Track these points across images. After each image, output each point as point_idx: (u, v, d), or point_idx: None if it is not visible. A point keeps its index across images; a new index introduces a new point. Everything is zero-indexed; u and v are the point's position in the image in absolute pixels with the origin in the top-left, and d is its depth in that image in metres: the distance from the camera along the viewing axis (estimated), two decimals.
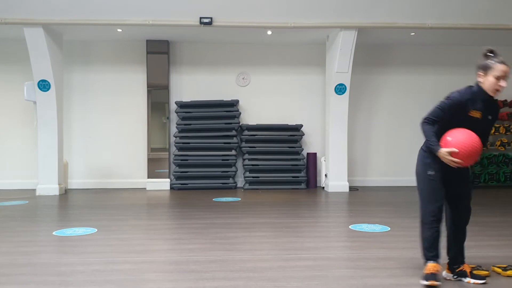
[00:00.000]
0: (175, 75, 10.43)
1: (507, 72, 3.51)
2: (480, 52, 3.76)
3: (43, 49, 8.78)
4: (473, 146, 3.41)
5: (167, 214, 7.35)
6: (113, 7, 8.39)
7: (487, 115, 3.57)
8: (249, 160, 10.05)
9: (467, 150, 3.40)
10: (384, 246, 4.96)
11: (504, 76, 3.50)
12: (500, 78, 3.49)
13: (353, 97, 10.05)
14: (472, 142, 3.41)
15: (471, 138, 3.43)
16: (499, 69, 3.49)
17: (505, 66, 3.52)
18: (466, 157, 3.42)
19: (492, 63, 3.53)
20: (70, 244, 5.08)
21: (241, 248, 4.88)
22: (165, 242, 5.36)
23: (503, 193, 9.43)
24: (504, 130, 10.36)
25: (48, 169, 9.06)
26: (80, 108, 10.27)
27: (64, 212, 7.54)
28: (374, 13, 8.70)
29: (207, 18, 8.63)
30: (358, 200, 8.55)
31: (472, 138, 3.42)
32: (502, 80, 3.50)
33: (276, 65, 10.58)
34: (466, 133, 3.45)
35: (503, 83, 3.51)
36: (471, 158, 3.45)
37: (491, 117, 3.59)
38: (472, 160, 3.48)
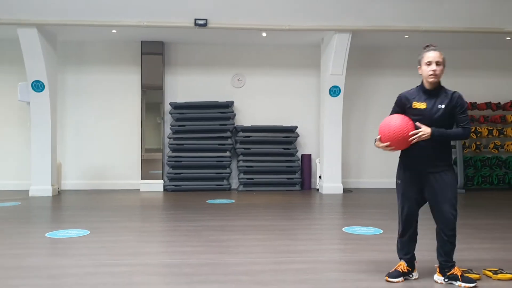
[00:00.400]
0: (170, 76, 10.42)
1: (435, 57, 3.67)
2: (474, 56, 3.90)
3: (37, 50, 8.75)
4: (396, 132, 3.61)
5: (161, 216, 7.34)
6: (108, 8, 8.38)
7: (436, 104, 3.69)
8: (243, 162, 10.05)
9: (389, 135, 3.63)
10: (376, 248, 4.97)
11: (432, 61, 3.67)
12: (430, 63, 3.67)
13: (348, 99, 10.06)
14: (393, 128, 3.62)
15: (392, 124, 3.65)
16: (427, 55, 3.70)
17: (432, 52, 3.70)
18: (395, 141, 3.64)
19: (421, 53, 3.77)
20: (62, 246, 5.07)
21: (234, 251, 4.89)
22: (158, 244, 5.36)
23: (496, 196, 9.47)
24: (497, 133, 10.40)
25: (41, 170, 9.02)
26: (74, 108, 10.24)
27: (57, 213, 7.52)
28: (369, 16, 8.73)
29: (202, 19, 8.63)
30: (352, 202, 8.57)
31: (394, 125, 3.63)
32: (432, 64, 3.67)
33: (271, 67, 10.59)
34: (389, 120, 3.70)
35: (433, 66, 3.66)
36: (398, 142, 3.64)
37: (443, 106, 3.67)
38: (400, 143, 3.65)
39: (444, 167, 3.71)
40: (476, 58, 10.76)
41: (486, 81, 10.78)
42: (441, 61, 3.68)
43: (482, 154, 10.67)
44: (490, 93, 10.73)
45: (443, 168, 3.70)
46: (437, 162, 3.70)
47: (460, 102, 3.68)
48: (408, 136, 3.61)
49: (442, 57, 3.70)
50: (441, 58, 3.69)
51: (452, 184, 3.71)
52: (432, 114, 3.67)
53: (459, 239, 3.87)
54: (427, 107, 3.70)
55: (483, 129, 10.42)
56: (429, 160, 3.70)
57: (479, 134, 10.40)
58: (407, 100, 3.80)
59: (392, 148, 3.70)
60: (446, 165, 3.72)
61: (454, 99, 3.67)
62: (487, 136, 10.43)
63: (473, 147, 10.43)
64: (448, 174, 3.71)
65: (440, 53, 3.70)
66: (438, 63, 3.67)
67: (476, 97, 10.61)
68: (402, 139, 3.62)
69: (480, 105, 10.48)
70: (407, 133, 3.61)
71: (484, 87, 10.74)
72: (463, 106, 3.69)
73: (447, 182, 3.69)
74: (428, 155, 3.70)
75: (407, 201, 3.85)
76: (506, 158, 10.54)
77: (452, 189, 3.70)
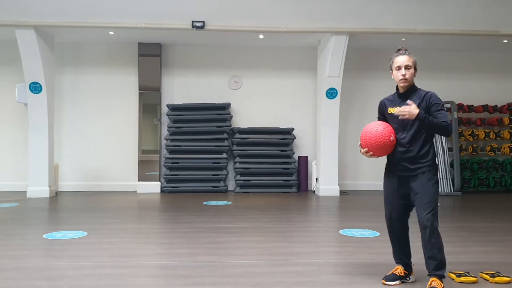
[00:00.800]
0: (167, 77, 10.43)
1: (404, 61, 3.64)
2: (471, 58, 3.90)
3: (35, 51, 8.75)
4: (371, 139, 3.63)
5: (157, 217, 7.34)
6: (105, 10, 8.39)
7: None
8: (240, 163, 10.06)
9: (367, 142, 3.66)
10: (373, 251, 4.98)
11: (401, 65, 3.64)
12: (399, 68, 3.65)
13: (344, 101, 10.09)
14: (370, 135, 3.64)
15: (370, 132, 3.66)
16: (396, 60, 3.68)
17: (401, 56, 3.67)
18: (372, 148, 3.66)
19: (392, 58, 3.75)
20: (60, 248, 5.07)
21: (231, 253, 4.89)
22: (155, 246, 5.36)
23: (492, 198, 9.51)
24: (494, 136, 10.44)
25: (39, 171, 9.02)
26: (71, 110, 10.23)
27: (54, 214, 7.52)
28: (365, 19, 8.76)
29: (199, 21, 8.64)
30: (349, 204, 8.58)
31: (370, 132, 3.65)
32: (401, 69, 3.64)
33: (268, 68, 10.61)
34: (369, 128, 3.70)
35: (402, 71, 3.63)
36: (376, 149, 3.65)
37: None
38: (378, 150, 3.65)
39: (421, 169, 3.61)
40: (472, 60, 10.80)
41: (483, 83, 10.83)
42: (410, 65, 3.64)
43: (479, 156, 10.70)
44: (487, 95, 10.77)
45: (421, 170, 3.61)
46: (416, 165, 3.62)
47: (433, 101, 3.59)
48: (387, 143, 3.61)
49: (412, 60, 3.66)
50: (411, 62, 3.65)
51: (426, 186, 3.59)
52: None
53: (456, 242, 3.90)
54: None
55: (480, 131, 10.46)
56: (408, 163, 3.64)
57: (476, 136, 10.44)
58: (384, 106, 3.83)
59: (371, 154, 3.69)
60: (424, 167, 3.61)
61: (427, 99, 3.60)
62: (484, 138, 10.47)
63: (470, 149, 10.47)
64: (424, 176, 3.61)
65: (409, 56, 3.66)
66: (407, 67, 3.63)
67: (473, 99, 10.66)
68: (382, 145, 3.62)
69: (477, 108, 10.52)
70: (384, 140, 3.60)
71: (481, 90, 10.78)
72: (438, 104, 3.58)
73: (422, 184, 3.59)
74: (407, 159, 3.64)
75: (389, 206, 3.83)
76: (502, 160, 10.58)
77: (426, 191, 3.58)
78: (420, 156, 3.61)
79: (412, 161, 3.62)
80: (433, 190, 3.60)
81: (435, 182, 3.62)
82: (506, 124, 10.56)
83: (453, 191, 9.88)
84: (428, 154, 3.63)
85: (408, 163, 3.64)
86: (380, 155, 3.71)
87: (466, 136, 10.41)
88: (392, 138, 3.64)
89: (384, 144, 3.62)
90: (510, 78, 10.91)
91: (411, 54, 3.69)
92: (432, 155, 3.65)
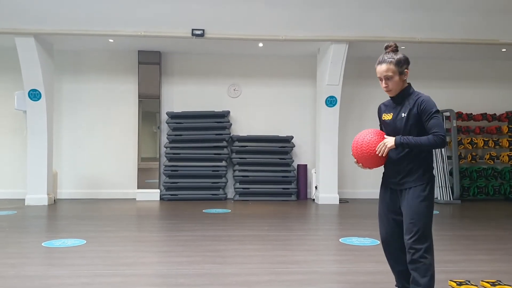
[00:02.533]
0: (167, 85, 10.43)
1: (382, 71, 3.21)
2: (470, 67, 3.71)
3: (34, 59, 8.75)
4: (358, 150, 3.32)
5: (157, 225, 7.32)
6: (105, 18, 8.41)
7: (400, 113, 3.24)
8: (239, 171, 10.04)
9: (356, 152, 3.35)
10: (373, 260, 4.96)
11: (381, 76, 3.24)
12: (380, 79, 3.26)
13: (344, 110, 10.10)
14: (357, 145, 3.33)
15: (357, 141, 3.34)
16: (377, 71, 3.26)
17: (379, 65, 3.24)
18: (361, 159, 3.34)
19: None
20: (59, 256, 5.04)
21: (230, 262, 4.87)
22: (154, 254, 5.34)
23: (491, 206, 9.50)
24: (493, 144, 10.45)
25: (37, 178, 8.99)
26: (70, 117, 10.22)
27: (53, 222, 7.49)
28: (365, 27, 8.78)
29: (199, 30, 8.66)
30: (348, 212, 8.57)
31: (357, 141, 3.34)
32: (382, 81, 3.25)
33: (267, 76, 10.62)
34: (358, 136, 3.38)
35: (383, 83, 3.25)
36: (365, 161, 3.31)
37: (405, 114, 3.20)
38: (367, 162, 3.31)
39: (409, 183, 3.21)
40: (471, 69, 10.83)
41: (482, 92, 10.85)
42: (391, 74, 3.19)
43: (478, 164, 10.70)
44: (485, 104, 10.80)
45: (409, 185, 3.21)
46: (405, 179, 3.23)
47: (425, 107, 3.13)
48: (373, 153, 3.23)
49: (392, 68, 3.18)
50: (391, 71, 3.18)
51: (412, 204, 3.18)
52: (395, 124, 3.27)
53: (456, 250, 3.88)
54: (392, 117, 3.31)
55: (479, 140, 10.46)
56: (397, 176, 3.27)
57: (475, 145, 10.45)
58: (380, 111, 3.51)
59: (360, 165, 3.36)
60: (412, 181, 3.20)
61: (418, 104, 3.16)
62: (482, 147, 10.48)
63: (469, 157, 10.47)
64: (411, 192, 3.20)
65: (389, 63, 3.19)
66: (387, 77, 3.20)
67: (472, 108, 10.68)
68: (368, 156, 3.27)
69: (475, 116, 10.53)
70: (371, 151, 3.24)
71: (480, 98, 10.80)
72: (429, 110, 3.12)
73: (408, 201, 3.21)
74: (399, 171, 3.26)
75: (381, 222, 3.49)
76: (501, 169, 10.58)
77: (410, 209, 3.18)
78: (410, 169, 3.21)
79: (401, 174, 3.25)
80: (420, 208, 3.16)
81: (424, 199, 3.16)
82: (505, 132, 10.57)
83: (452, 199, 9.87)
84: (419, 167, 3.21)
85: (397, 176, 3.28)
86: (370, 166, 3.35)
87: (465, 144, 10.42)
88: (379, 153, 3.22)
89: (370, 155, 3.25)
90: (508, 86, 10.94)
91: (393, 58, 3.20)
92: (425, 169, 3.21)
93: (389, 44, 3.29)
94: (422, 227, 3.14)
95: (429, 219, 3.19)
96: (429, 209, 3.20)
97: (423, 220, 3.16)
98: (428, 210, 3.19)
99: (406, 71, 3.25)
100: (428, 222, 3.19)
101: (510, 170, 10.54)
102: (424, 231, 3.15)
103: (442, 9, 8.45)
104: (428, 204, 3.19)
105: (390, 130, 3.34)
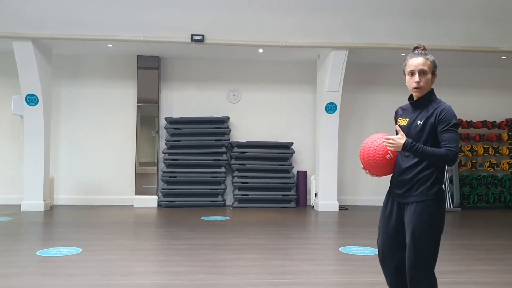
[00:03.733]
0: (166, 91, 10.37)
1: (418, 64, 2.93)
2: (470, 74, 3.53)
3: (32, 63, 8.68)
4: (364, 155, 3.07)
5: (154, 233, 7.23)
6: (104, 23, 8.35)
7: (417, 120, 2.96)
8: (238, 178, 9.96)
9: (362, 158, 3.09)
10: (374, 270, 4.87)
11: (415, 70, 2.94)
12: (413, 73, 2.96)
13: (344, 116, 10.03)
14: (364, 150, 3.08)
15: (364, 146, 3.09)
16: (409, 63, 2.97)
17: (415, 58, 2.96)
18: (367, 166, 3.09)
19: (405, 60, 3.04)
20: (53, 265, 4.95)
21: (229, 272, 4.79)
22: (151, 264, 5.25)
23: (492, 215, 9.42)
24: (493, 151, 10.39)
25: (34, 184, 8.90)
26: (68, 122, 10.14)
27: (48, 229, 7.40)
28: (365, 34, 8.74)
29: (199, 35, 8.60)
30: (348, 220, 8.49)
31: (364, 147, 3.08)
32: (415, 75, 2.94)
33: (267, 82, 10.57)
34: (366, 141, 3.12)
35: (416, 77, 2.93)
36: (371, 167, 3.07)
37: (422, 122, 2.92)
38: (373, 169, 3.07)
39: (415, 197, 2.89)
40: (472, 76, 10.79)
41: (482, 99, 10.80)
42: (426, 69, 2.92)
43: (478, 172, 10.64)
44: (485, 111, 10.74)
45: (414, 199, 2.89)
46: (410, 191, 2.91)
47: (444, 117, 2.84)
48: (380, 161, 2.99)
49: (429, 63, 2.94)
50: (427, 66, 2.93)
51: (415, 221, 2.85)
52: (410, 131, 2.96)
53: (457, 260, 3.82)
54: (408, 123, 3.01)
55: (479, 147, 10.40)
56: (405, 188, 2.94)
57: (475, 152, 10.38)
58: (396, 115, 3.21)
59: (368, 172, 3.11)
60: (417, 195, 2.88)
61: (437, 113, 2.87)
62: (483, 154, 10.41)
63: (469, 165, 10.41)
64: (414, 207, 2.88)
65: (426, 59, 2.95)
66: (422, 72, 2.92)
67: (472, 115, 10.62)
68: (375, 164, 3.03)
69: (475, 123, 10.47)
70: (377, 158, 3.00)
71: (480, 105, 10.75)
72: (448, 122, 2.83)
73: (410, 217, 2.89)
74: (404, 182, 2.95)
75: (379, 234, 3.16)
76: (501, 176, 10.51)
77: (410, 226, 2.86)
78: (416, 181, 2.89)
79: (406, 185, 2.94)
80: (423, 227, 2.82)
81: (429, 217, 2.82)
82: (505, 140, 10.51)
83: (452, 207, 9.81)
84: (427, 180, 2.88)
85: (402, 187, 2.97)
86: (377, 174, 3.11)
87: (465, 151, 10.36)
88: (389, 156, 3.00)
89: (376, 162, 3.02)
90: (508, 94, 10.89)
91: (428, 55, 2.96)
92: (433, 182, 2.88)
93: (418, 46, 3.03)
94: (425, 249, 2.81)
95: (432, 245, 2.84)
96: (433, 231, 2.84)
97: (425, 246, 2.82)
98: (432, 232, 2.83)
99: (436, 74, 3.03)
100: (430, 249, 2.83)
101: (510, 178, 10.47)
102: (424, 261, 2.81)
103: (443, 17, 8.41)
104: (432, 224, 2.83)
105: (409, 135, 2.98)
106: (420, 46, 3.01)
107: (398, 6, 8.25)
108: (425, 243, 2.82)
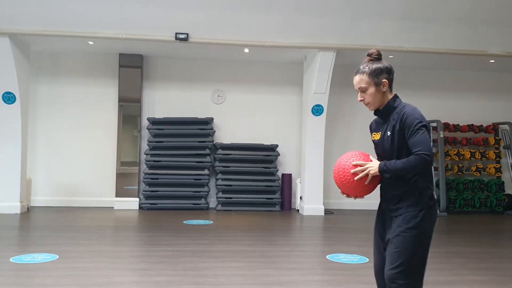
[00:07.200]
0: (148, 90, 10.09)
1: (356, 84, 2.80)
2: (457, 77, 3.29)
3: (9, 60, 8.35)
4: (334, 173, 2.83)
5: (134, 238, 6.97)
6: (85, 19, 8.06)
7: (386, 132, 2.75)
8: (222, 180, 9.73)
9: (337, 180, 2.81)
10: (363, 280, 4.71)
11: (356, 89, 2.81)
12: (357, 91, 2.82)
13: (330, 119, 9.86)
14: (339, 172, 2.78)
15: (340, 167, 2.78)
16: (354, 82, 2.84)
17: (354, 77, 2.81)
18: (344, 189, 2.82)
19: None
20: (27, 274, 4.69)
21: (212, 282, 4.57)
22: (131, 272, 5.00)
23: (478, 220, 9.36)
24: (479, 156, 10.32)
25: (10, 185, 8.56)
26: (46, 121, 9.80)
27: (24, 234, 7.10)
28: (353, 35, 8.59)
29: (183, 34, 8.36)
30: (334, 225, 8.32)
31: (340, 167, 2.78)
32: (359, 93, 2.81)
33: (252, 83, 10.36)
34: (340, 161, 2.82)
35: (359, 96, 2.81)
36: (349, 190, 2.80)
37: (390, 132, 2.72)
38: (346, 189, 2.80)
39: (402, 209, 2.68)
40: (459, 80, 10.72)
41: (469, 103, 10.74)
42: (364, 86, 2.75)
43: (465, 176, 10.57)
44: (472, 115, 10.67)
45: (401, 212, 2.68)
46: (398, 204, 2.71)
47: (407, 121, 2.64)
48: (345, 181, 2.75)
49: (365, 77, 2.75)
50: (365, 82, 2.75)
51: (399, 231, 2.65)
52: (384, 145, 2.77)
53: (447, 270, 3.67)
54: (380, 137, 2.82)
55: (466, 151, 10.33)
56: (393, 201, 2.74)
57: (462, 156, 10.31)
58: (370, 130, 2.97)
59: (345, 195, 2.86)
60: (404, 207, 2.67)
61: (400, 119, 2.68)
62: (469, 158, 10.34)
63: (455, 169, 10.33)
64: (401, 219, 2.68)
65: (362, 74, 2.77)
66: (363, 89, 2.76)
67: (459, 118, 10.54)
68: (351, 185, 2.75)
69: (462, 127, 10.40)
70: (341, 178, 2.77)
71: (467, 109, 10.68)
72: (411, 124, 2.62)
73: (395, 228, 2.69)
74: (392, 197, 2.75)
75: (374, 251, 2.93)
76: (488, 181, 10.45)
77: (396, 237, 2.66)
78: (403, 194, 2.69)
79: (394, 199, 2.73)
80: (407, 238, 2.62)
81: (415, 226, 2.62)
82: (492, 144, 10.46)
83: (439, 211, 9.71)
84: (414, 191, 2.68)
85: (390, 202, 2.77)
86: (359, 195, 2.83)
87: (451, 155, 10.27)
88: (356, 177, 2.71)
89: (342, 182, 2.76)
90: (495, 98, 10.85)
91: (367, 67, 2.78)
92: (420, 192, 2.68)
93: (370, 52, 2.84)
94: (408, 260, 2.61)
95: (419, 255, 2.65)
96: (420, 241, 2.64)
97: (410, 252, 2.61)
98: (419, 242, 2.63)
99: (384, 82, 2.75)
100: (418, 257, 2.64)
101: (497, 182, 10.42)
102: (410, 265, 2.61)
103: (431, 19, 8.31)
104: (418, 234, 2.63)
105: (380, 151, 2.84)
106: (371, 53, 2.84)
107: (387, 7, 8.12)
108: (409, 249, 2.63)
